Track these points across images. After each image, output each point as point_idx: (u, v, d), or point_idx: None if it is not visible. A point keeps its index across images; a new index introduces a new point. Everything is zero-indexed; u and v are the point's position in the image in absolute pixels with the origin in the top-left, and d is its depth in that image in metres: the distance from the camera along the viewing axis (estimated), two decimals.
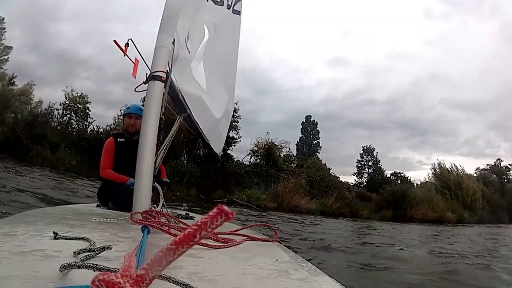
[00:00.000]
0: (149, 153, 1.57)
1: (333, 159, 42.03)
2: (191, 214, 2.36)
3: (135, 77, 1.91)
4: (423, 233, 10.79)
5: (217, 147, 2.96)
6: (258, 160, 18.08)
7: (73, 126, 17.58)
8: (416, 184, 22.91)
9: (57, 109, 17.16)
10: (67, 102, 17.40)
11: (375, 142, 39.49)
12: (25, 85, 17.19)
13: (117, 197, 2.34)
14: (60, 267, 0.62)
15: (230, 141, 17.08)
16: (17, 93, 16.55)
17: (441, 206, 18.32)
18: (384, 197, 18.36)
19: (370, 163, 27.07)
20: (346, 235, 8.54)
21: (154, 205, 1.67)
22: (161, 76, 1.63)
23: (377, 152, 27.43)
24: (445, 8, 44.52)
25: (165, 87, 1.70)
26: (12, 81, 17.64)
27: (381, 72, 43.46)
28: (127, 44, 1.89)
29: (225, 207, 0.27)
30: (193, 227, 0.27)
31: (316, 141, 30.48)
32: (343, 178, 21.60)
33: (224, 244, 1.15)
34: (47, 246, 0.85)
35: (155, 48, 1.69)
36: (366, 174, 26.50)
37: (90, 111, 18.01)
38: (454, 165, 22.70)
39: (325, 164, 20.48)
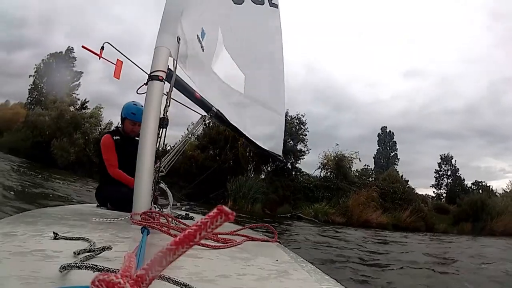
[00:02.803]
0: (149, 153, 1.56)
1: (413, 171, 40.79)
2: (191, 214, 2.36)
3: (118, 78, 1.99)
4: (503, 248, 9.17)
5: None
6: (328, 173, 17.16)
7: None
8: (499, 193, 19.90)
9: None
10: None
11: (456, 152, 36.27)
12: (94, 108, 18.69)
13: (114, 200, 2.33)
14: (60, 268, 0.62)
15: (298, 154, 16.64)
16: (87, 116, 17.91)
17: None
18: (462, 208, 16.64)
19: (449, 173, 25.04)
20: (424, 251, 7.42)
21: (155, 206, 1.67)
22: (159, 76, 1.63)
23: (455, 161, 25.36)
24: (511, 6, 40.85)
25: (169, 86, 1.69)
26: (84, 106, 19.30)
27: (455, 79, 41.62)
28: (102, 48, 1.96)
29: (225, 207, 0.27)
30: (193, 227, 0.27)
31: (393, 153, 29.14)
32: (423, 191, 20.06)
33: (224, 245, 1.15)
34: (47, 246, 0.85)
35: (155, 48, 1.69)
36: (445, 185, 24.63)
37: None
38: None
39: (401, 176, 19.19)
